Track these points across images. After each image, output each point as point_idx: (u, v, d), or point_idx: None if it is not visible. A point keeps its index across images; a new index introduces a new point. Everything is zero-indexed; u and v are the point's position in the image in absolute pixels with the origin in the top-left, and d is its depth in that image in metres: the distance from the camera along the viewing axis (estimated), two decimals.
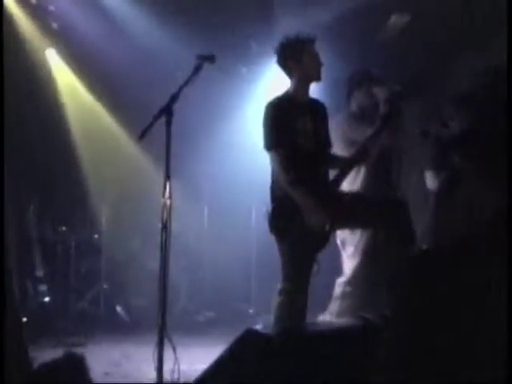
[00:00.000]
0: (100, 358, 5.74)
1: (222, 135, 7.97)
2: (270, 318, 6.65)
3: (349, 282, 5.73)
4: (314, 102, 5.04)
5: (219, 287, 7.95)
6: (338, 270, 5.95)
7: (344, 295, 5.72)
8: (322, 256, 4.83)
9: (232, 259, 8.03)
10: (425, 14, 7.27)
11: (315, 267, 4.80)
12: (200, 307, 7.68)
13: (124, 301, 7.35)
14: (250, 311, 7.79)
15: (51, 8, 7.35)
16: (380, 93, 5.40)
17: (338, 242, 5.81)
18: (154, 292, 7.08)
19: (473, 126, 5.60)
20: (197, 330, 7.16)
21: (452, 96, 7.38)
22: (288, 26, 7.04)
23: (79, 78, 8.11)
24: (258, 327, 6.69)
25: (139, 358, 5.60)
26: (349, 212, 4.89)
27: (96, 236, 7.53)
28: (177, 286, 7.27)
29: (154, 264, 7.27)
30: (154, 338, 5.91)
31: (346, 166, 5.14)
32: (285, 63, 4.91)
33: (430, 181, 6.91)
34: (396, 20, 7.65)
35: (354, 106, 5.81)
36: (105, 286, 7.37)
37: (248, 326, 6.71)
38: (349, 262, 5.78)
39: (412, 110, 5.98)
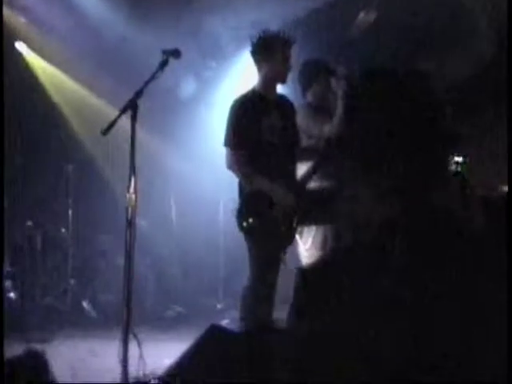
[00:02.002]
0: (66, 353, 5.72)
1: (188, 131, 7.94)
2: (237, 314, 6.71)
3: None
4: (282, 98, 5.07)
5: (187, 283, 7.94)
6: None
7: None
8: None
9: (200, 255, 8.04)
10: (393, 11, 7.31)
11: (282, 263, 4.85)
12: (168, 303, 7.65)
13: (91, 296, 7.31)
14: (218, 306, 7.79)
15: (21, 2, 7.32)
16: (338, 86, 5.30)
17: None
18: (122, 288, 7.11)
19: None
20: (165, 325, 7.15)
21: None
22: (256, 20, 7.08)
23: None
24: (224, 322, 6.73)
25: (106, 354, 5.57)
26: (313, 209, 4.94)
27: (63, 230, 7.45)
28: (144, 281, 7.26)
29: (122, 260, 7.34)
30: (119, 334, 5.93)
31: (314, 163, 5.19)
32: (256, 58, 4.94)
33: None
34: (364, 17, 7.67)
35: (310, 97, 5.59)
36: (72, 282, 7.29)
37: (216, 321, 6.80)
38: (307, 256, 5.72)
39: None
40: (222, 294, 7.92)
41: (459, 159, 8.08)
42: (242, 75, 7.49)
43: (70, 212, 7.37)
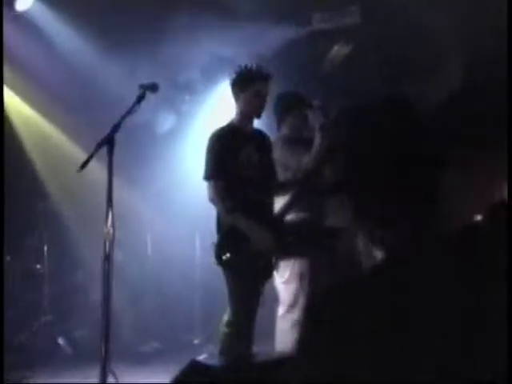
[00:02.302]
0: None
1: (164, 163, 7.93)
2: (215, 348, 6.66)
3: (290, 311, 5.62)
4: (258, 132, 5.09)
5: (163, 317, 7.86)
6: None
7: (290, 327, 5.62)
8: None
9: (176, 289, 7.96)
10: (368, 43, 7.40)
11: (261, 298, 4.83)
12: (144, 338, 7.57)
13: (67, 332, 7.21)
14: (195, 341, 7.71)
15: None
16: (314, 118, 5.35)
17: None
18: (97, 323, 7.02)
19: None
20: (141, 360, 7.06)
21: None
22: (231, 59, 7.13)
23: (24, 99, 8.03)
24: (202, 357, 6.68)
25: None
26: (292, 241, 4.93)
27: (38, 266, 7.36)
28: (120, 316, 7.17)
29: (97, 295, 7.27)
30: (98, 371, 5.85)
31: (291, 196, 5.20)
32: (234, 91, 4.96)
33: None
34: (338, 50, 7.77)
35: (285, 130, 5.60)
36: (47, 318, 7.18)
37: (193, 356, 6.75)
38: (285, 289, 5.67)
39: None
40: (199, 328, 7.85)
41: None
42: (216, 108, 7.51)
43: (46, 247, 7.29)
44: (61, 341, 7.07)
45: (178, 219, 7.90)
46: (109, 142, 4.25)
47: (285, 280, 5.58)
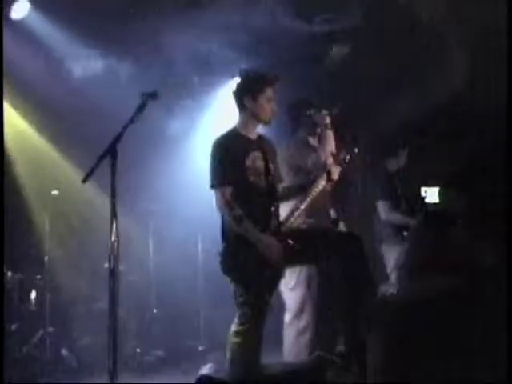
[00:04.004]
0: None
1: (165, 171, 7.87)
2: (221, 355, 6.59)
3: (297, 318, 5.61)
4: (263, 138, 4.99)
5: (167, 325, 7.80)
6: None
7: (298, 334, 5.60)
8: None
9: (180, 296, 7.90)
10: (366, 45, 7.37)
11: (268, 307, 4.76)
12: (149, 346, 7.51)
13: (70, 343, 7.14)
14: (200, 348, 7.65)
15: None
16: (323, 120, 5.57)
17: None
18: (101, 333, 6.96)
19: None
20: (146, 370, 7.02)
21: (400, 125, 7.51)
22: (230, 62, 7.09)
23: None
24: (211, 367, 6.61)
25: None
26: (300, 248, 4.84)
27: (38, 277, 7.28)
28: (124, 325, 7.10)
29: (100, 304, 7.22)
30: (102, 381, 5.79)
31: (298, 200, 5.17)
32: (240, 97, 4.85)
33: (382, 211, 6.96)
34: (337, 51, 7.73)
35: (302, 133, 5.78)
36: (50, 329, 7.09)
37: (198, 364, 6.68)
38: (292, 295, 5.66)
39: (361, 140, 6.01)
40: (204, 335, 7.79)
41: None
42: (219, 113, 7.46)
43: (46, 258, 7.21)
44: (64, 352, 6.99)
45: (180, 226, 7.85)
46: (111, 153, 4.18)
47: (291, 287, 5.55)
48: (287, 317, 5.65)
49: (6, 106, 7.44)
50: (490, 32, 6.12)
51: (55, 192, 7.32)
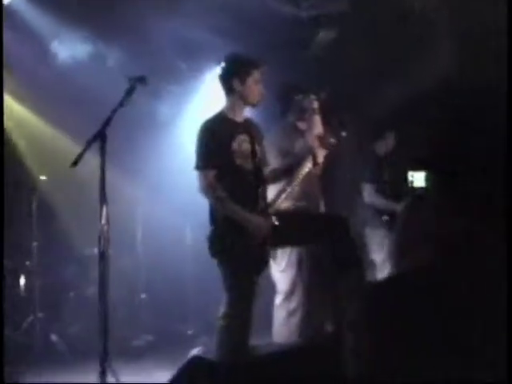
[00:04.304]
0: None
1: (154, 153, 7.87)
2: (209, 340, 6.64)
3: (288, 299, 5.65)
4: (250, 121, 5.03)
5: (156, 310, 7.81)
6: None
7: (288, 316, 5.63)
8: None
9: (168, 281, 7.92)
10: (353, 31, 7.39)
11: (257, 289, 4.80)
12: (137, 331, 7.52)
13: (59, 329, 7.13)
14: (189, 332, 7.68)
15: None
16: (311, 104, 5.59)
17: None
18: (91, 318, 6.98)
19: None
20: (136, 355, 7.02)
21: (388, 109, 7.54)
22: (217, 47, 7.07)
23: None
24: (199, 350, 6.65)
25: None
26: (288, 229, 4.89)
27: (27, 263, 7.27)
28: (112, 311, 7.10)
29: (90, 290, 7.23)
30: (93, 366, 5.79)
31: (286, 182, 5.21)
32: (228, 80, 4.88)
33: (366, 194, 7.00)
34: (323, 36, 7.74)
35: (291, 117, 5.81)
36: (38, 315, 7.08)
37: (187, 348, 6.71)
38: (282, 277, 5.69)
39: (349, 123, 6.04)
40: (192, 320, 7.81)
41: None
42: (206, 97, 7.44)
43: (35, 244, 7.19)
44: (54, 338, 6.98)
45: (168, 210, 7.86)
46: (100, 137, 4.19)
47: (282, 269, 5.58)
48: (278, 299, 5.69)
49: None
50: (480, 21, 6.14)
51: (43, 177, 7.31)
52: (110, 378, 4.37)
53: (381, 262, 6.72)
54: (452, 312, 1.82)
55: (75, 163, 4.17)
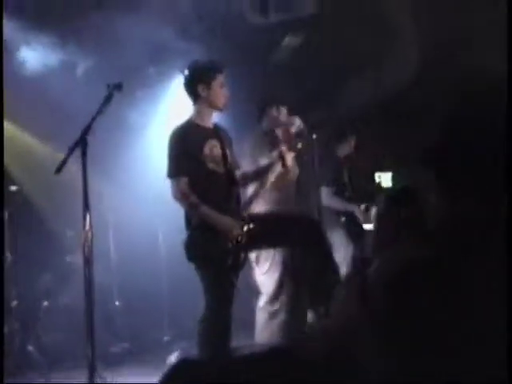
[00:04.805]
0: None
1: (122, 164, 7.86)
2: (188, 344, 6.66)
3: (271, 302, 5.69)
4: (218, 127, 5.14)
5: (131, 317, 7.78)
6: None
7: (271, 318, 5.66)
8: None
9: (142, 288, 7.91)
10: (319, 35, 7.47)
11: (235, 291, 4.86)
12: (113, 339, 7.49)
13: (35, 339, 7.07)
14: (165, 338, 7.67)
15: None
16: (287, 118, 5.76)
17: (253, 258, 5.74)
18: (67, 327, 6.96)
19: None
20: (113, 361, 6.99)
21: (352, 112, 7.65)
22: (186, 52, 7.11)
23: None
24: (177, 357, 6.68)
25: None
26: (263, 231, 4.97)
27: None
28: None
29: (65, 298, 7.19)
30: (71, 374, 5.79)
31: (257, 187, 5.28)
32: (193, 87, 4.96)
33: (324, 196, 7.05)
34: (290, 41, 7.83)
35: (263, 127, 5.94)
36: (14, 326, 7.00)
37: (165, 354, 6.73)
38: (266, 280, 5.74)
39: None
40: (168, 326, 7.81)
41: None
42: (173, 104, 7.46)
43: (8, 254, 7.13)
44: (30, 347, 6.92)
45: (139, 219, 7.86)
46: (82, 143, 4.22)
47: (265, 271, 5.63)
48: (261, 301, 5.73)
49: None
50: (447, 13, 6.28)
51: (13, 188, 7.27)
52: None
53: (341, 261, 6.81)
54: (446, 307, 1.85)
55: (58, 171, 4.19)
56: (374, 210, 7.19)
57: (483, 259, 1.85)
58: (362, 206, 7.38)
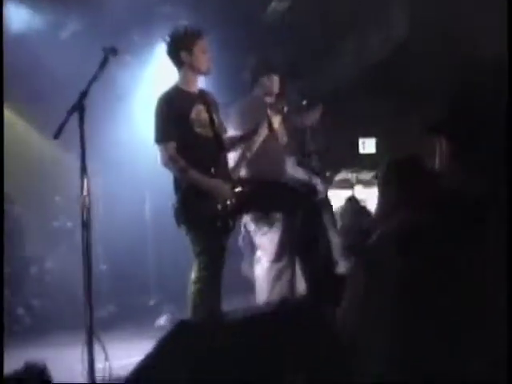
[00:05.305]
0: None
1: (108, 129, 7.82)
2: (173, 307, 6.70)
3: (276, 261, 5.64)
4: (204, 92, 5.19)
5: (117, 281, 7.83)
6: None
7: (277, 276, 5.66)
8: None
9: (127, 252, 7.94)
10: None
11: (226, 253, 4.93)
12: (99, 302, 7.50)
13: (24, 303, 7.10)
14: (151, 303, 7.73)
15: None
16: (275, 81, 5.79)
17: (251, 220, 5.72)
18: (53, 292, 6.97)
19: None
20: (99, 326, 6.99)
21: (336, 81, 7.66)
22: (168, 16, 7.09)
23: None
24: (166, 319, 6.73)
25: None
26: (252, 195, 5.04)
27: None
28: (74, 283, 7.11)
29: (52, 264, 7.21)
30: (61, 339, 5.80)
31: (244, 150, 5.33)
32: (176, 54, 5.02)
33: (288, 165, 7.05)
34: (276, 5, 7.82)
35: (256, 92, 5.91)
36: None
37: (152, 317, 6.77)
38: (267, 240, 5.70)
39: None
40: (154, 290, 7.87)
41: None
42: (160, 70, 7.43)
43: None
44: (20, 311, 6.95)
45: (125, 183, 7.86)
46: (79, 108, 4.22)
47: (264, 232, 5.64)
48: (264, 261, 5.72)
49: None
50: None
51: None
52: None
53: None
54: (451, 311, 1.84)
55: (56, 136, 4.19)
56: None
57: (483, 228, 1.87)
58: (370, 175, 7.41)
